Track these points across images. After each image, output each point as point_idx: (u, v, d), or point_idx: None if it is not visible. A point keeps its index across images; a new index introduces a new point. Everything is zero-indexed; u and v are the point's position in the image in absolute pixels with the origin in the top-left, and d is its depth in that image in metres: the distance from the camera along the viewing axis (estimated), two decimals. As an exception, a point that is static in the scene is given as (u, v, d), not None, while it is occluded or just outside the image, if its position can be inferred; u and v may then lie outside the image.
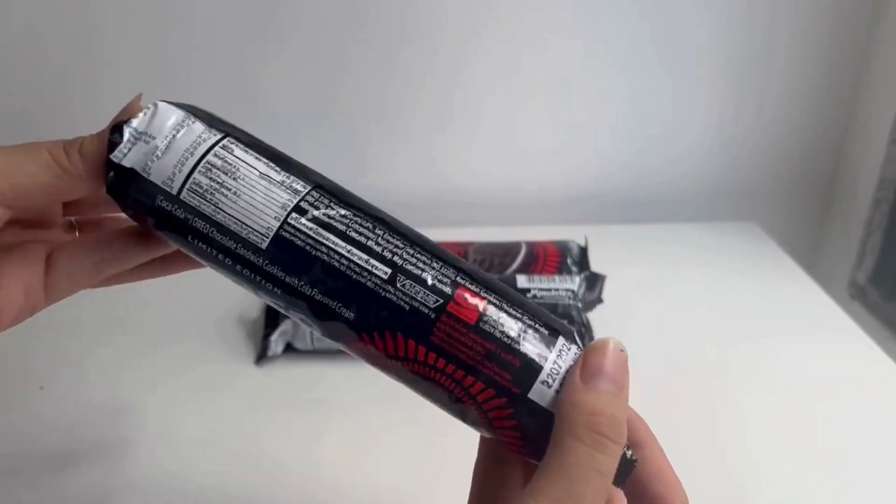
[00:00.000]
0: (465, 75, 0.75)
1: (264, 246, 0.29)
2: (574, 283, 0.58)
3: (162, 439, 0.50)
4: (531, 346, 0.28)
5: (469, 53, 0.74)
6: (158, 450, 0.49)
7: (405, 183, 0.80)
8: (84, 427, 0.51)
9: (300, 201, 0.29)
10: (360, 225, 0.29)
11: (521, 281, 0.58)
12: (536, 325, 0.29)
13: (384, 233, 0.29)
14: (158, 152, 0.30)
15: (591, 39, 0.75)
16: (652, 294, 0.68)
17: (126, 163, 0.30)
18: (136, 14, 0.70)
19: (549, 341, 0.28)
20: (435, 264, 0.29)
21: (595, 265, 0.63)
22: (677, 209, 0.84)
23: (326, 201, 0.30)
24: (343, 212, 0.29)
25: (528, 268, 0.61)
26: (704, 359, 0.59)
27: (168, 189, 0.29)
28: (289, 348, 0.57)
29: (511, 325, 0.28)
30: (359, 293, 0.28)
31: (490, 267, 0.61)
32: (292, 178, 0.30)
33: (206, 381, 0.55)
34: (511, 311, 0.29)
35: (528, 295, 0.57)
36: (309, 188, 0.30)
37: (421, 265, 0.29)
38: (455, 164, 0.80)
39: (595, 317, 0.61)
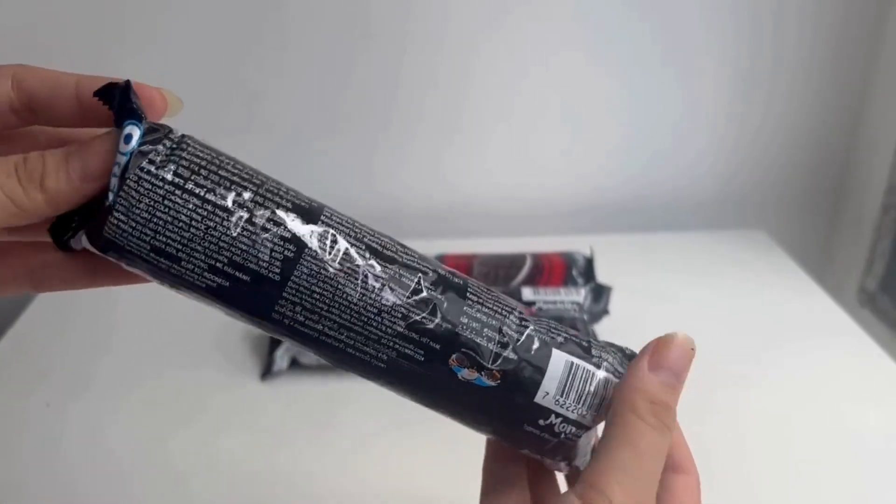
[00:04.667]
0: (471, 86, 0.75)
1: None
2: (580, 294, 0.58)
3: (167, 453, 0.50)
4: None
5: (476, 64, 0.74)
6: (164, 463, 0.49)
7: (411, 193, 0.80)
8: (90, 443, 0.51)
9: None
10: None
11: (527, 293, 0.57)
12: None
13: None
14: None
15: (597, 49, 0.74)
16: (659, 304, 0.67)
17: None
18: (141, 24, 0.70)
19: None
20: None
21: (602, 275, 0.62)
22: (684, 218, 0.83)
23: None
24: None
25: (533, 280, 0.60)
26: (713, 368, 0.58)
27: None
28: (294, 363, 0.57)
29: None
30: None
31: (495, 280, 0.61)
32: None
33: (212, 396, 0.55)
34: None
35: (534, 307, 0.57)
36: None
37: None
38: (461, 174, 0.80)
39: (602, 328, 0.61)
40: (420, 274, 0.28)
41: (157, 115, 0.28)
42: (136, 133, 0.26)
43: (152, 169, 0.26)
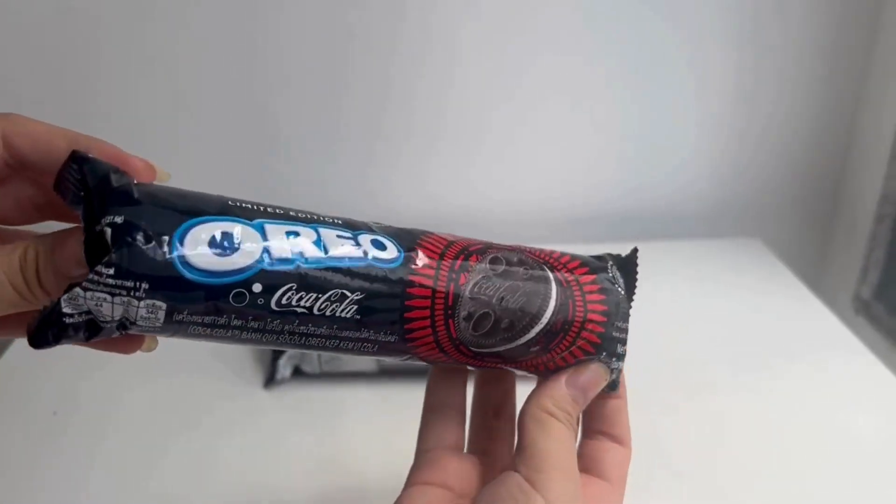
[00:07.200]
0: (466, 96, 0.76)
1: None
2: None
3: (171, 462, 0.51)
4: None
5: (472, 75, 0.75)
6: (167, 472, 0.50)
7: (406, 203, 0.81)
8: (94, 451, 0.52)
9: None
10: None
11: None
12: None
13: None
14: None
15: (593, 58, 0.75)
16: (654, 311, 0.68)
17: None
18: (142, 45, 0.71)
19: None
20: None
21: (599, 285, 0.63)
22: (680, 226, 0.84)
23: None
24: None
25: (532, 288, 0.61)
26: (707, 376, 0.59)
27: None
28: (297, 371, 0.58)
29: None
30: None
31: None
32: None
33: (215, 404, 0.56)
34: None
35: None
36: None
37: None
38: (456, 184, 0.81)
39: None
40: None
41: (146, 181, 0.28)
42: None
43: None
